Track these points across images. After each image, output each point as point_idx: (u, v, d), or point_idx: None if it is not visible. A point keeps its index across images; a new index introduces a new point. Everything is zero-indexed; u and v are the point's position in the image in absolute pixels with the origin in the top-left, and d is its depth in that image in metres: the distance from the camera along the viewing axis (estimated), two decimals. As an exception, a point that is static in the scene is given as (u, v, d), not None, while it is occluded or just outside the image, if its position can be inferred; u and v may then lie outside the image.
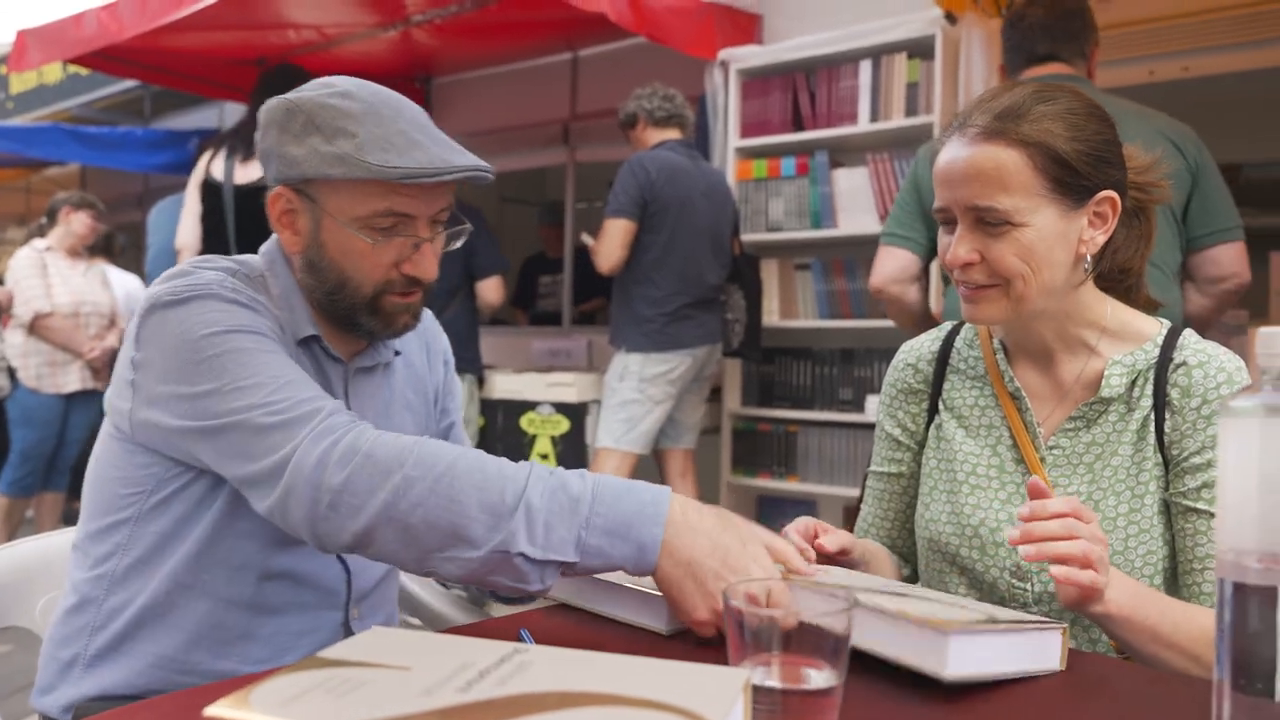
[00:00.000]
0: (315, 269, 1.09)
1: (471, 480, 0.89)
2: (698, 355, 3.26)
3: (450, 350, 1.36)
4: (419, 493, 0.89)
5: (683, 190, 3.15)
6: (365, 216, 1.05)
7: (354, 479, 0.90)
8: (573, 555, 0.88)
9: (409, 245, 1.08)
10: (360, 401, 1.16)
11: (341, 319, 1.11)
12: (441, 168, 1.03)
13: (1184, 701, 0.79)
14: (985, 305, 1.10)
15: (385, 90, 1.09)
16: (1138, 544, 1.08)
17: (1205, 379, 1.08)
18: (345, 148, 1.02)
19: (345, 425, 0.94)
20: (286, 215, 1.10)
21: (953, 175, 1.08)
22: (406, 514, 0.89)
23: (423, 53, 4.63)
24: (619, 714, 0.52)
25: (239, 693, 0.55)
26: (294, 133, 1.05)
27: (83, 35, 3.83)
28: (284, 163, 1.06)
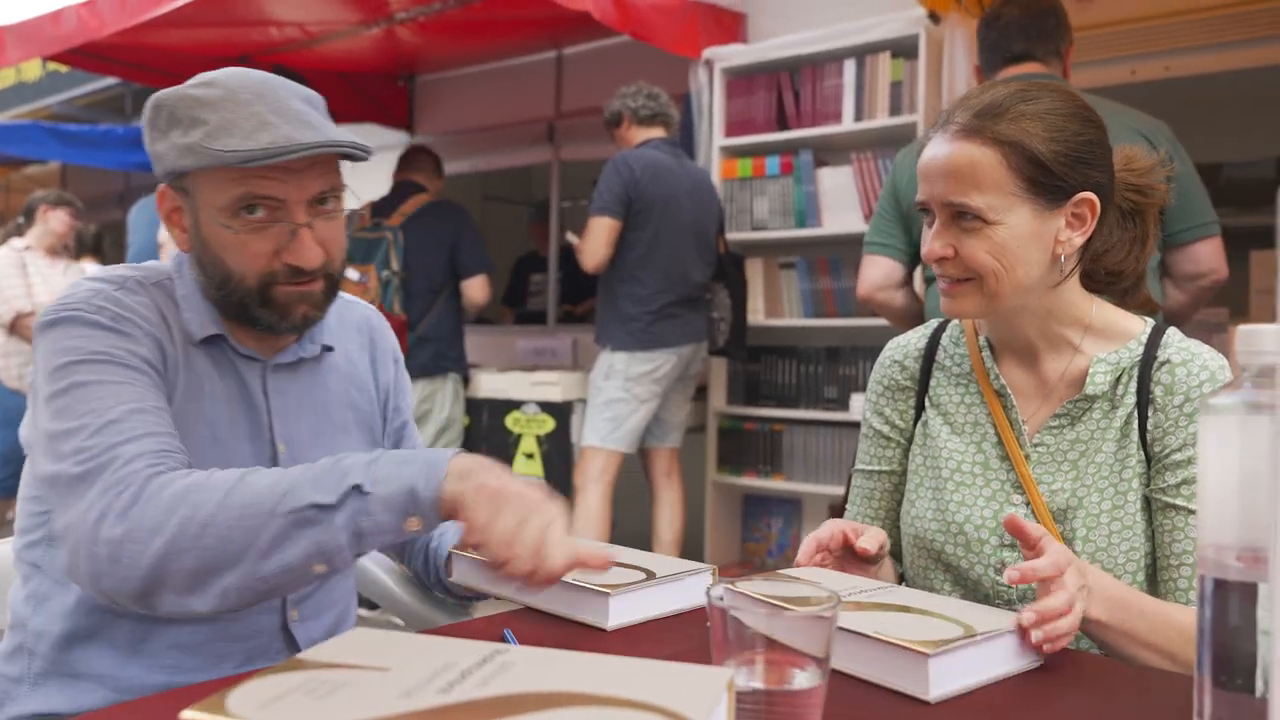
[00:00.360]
0: (202, 265, 1.07)
1: (265, 480, 0.89)
2: (683, 354, 3.26)
3: (399, 349, 1.32)
4: (207, 513, 0.87)
5: (667, 188, 3.14)
6: (228, 205, 1.01)
7: (134, 528, 0.87)
8: (361, 478, 0.87)
9: (284, 233, 1.03)
10: (285, 400, 1.13)
11: (237, 314, 1.07)
12: (287, 145, 0.97)
13: (1166, 696, 0.80)
14: (959, 299, 1.11)
15: (258, 77, 1.04)
16: (1120, 540, 1.09)
17: (1189, 377, 1.09)
18: (195, 137, 0.99)
19: (138, 475, 0.91)
20: (174, 213, 1.08)
21: (931, 171, 1.09)
22: (197, 540, 0.87)
23: (406, 51, 4.61)
24: (602, 714, 0.52)
25: (215, 696, 0.54)
26: (160, 129, 1.03)
27: (62, 32, 3.79)
28: (156, 161, 1.04)
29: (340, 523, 0.87)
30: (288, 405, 1.13)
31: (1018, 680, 0.84)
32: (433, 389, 3.58)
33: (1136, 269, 1.20)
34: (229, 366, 1.10)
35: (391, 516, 0.88)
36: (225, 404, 1.08)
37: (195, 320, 1.07)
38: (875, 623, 0.83)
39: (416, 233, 3.54)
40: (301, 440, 1.13)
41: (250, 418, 1.10)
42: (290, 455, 1.11)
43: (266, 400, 1.11)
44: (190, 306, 1.08)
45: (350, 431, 1.19)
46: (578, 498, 3.26)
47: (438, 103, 5.16)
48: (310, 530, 0.87)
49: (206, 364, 1.08)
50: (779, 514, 3.79)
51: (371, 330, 1.27)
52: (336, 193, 1.07)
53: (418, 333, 3.54)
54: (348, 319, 1.24)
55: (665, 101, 3.30)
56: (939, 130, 1.10)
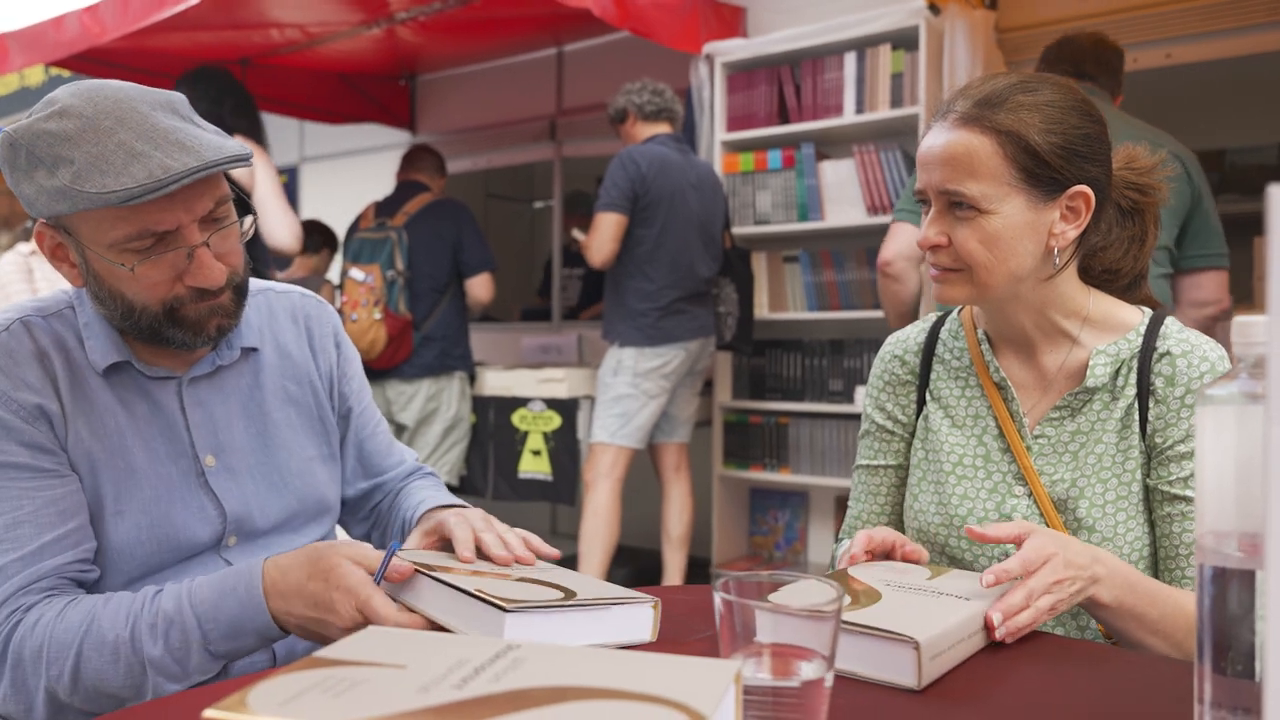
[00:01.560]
0: (99, 299, 1.03)
1: (101, 658, 0.94)
2: (691, 349, 3.26)
3: (341, 327, 1.28)
4: (65, 686, 0.95)
5: (673, 183, 3.15)
6: (119, 241, 0.97)
7: (10, 691, 0.96)
8: (215, 666, 0.96)
9: (182, 257, 0.99)
10: (208, 411, 1.10)
11: (149, 338, 1.04)
12: (163, 178, 0.92)
13: (1167, 682, 0.81)
14: (949, 287, 1.13)
15: (113, 93, 0.97)
16: (1126, 530, 1.10)
17: (1189, 368, 1.09)
18: (64, 179, 0.92)
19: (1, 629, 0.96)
20: (58, 249, 1.03)
21: (929, 158, 1.10)
22: (69, 700, 0.96)
23: (407, 50, 4.62)
24: (612, 707, 0.53)
25: (236, 694, 0.55)
26: (22, 169, 0.96)
27: (64, 38, 3.81)
28: (25, 202, 0.98)
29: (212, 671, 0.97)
30: (213, 416, 1.11)
31: (1016, 668, 0.85)
32: (439, 388, 3.59)
33: (1135, 267, 1.21)
34: (138, 392, 1.07)
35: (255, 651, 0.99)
36: (136, 433, 1.05)
37: (98, 349, 1.04)
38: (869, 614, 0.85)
39: (420, 232, 3.55)
40: (237, 447, 1.11)
41: (168, 438, 1.07)
42: (223, 465, 1.10)
43: (185, 417, 1.09)
44: (92, 334, 1.05)
45: (294, 426, 1.17)
46: (587, 494, 3.27)
47: (439, 102, 5.17)
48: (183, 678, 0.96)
49: (109, 396, 1.05)
50: (786, 507, 3.80)
51: (306, 317, 1.23)
52: (225, 201, 1.03)
53: (423, 332, 3.55)
54: (278, 310, 1.21)
55: (670, 97, 3.31)
56: (938, 120, 1.11)
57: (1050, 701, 0.77)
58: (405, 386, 3.55)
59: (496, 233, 4.97)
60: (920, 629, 0.79)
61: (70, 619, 0.95)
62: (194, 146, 0.95)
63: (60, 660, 0.94)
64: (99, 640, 0.94)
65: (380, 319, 3.44)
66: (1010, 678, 0.82)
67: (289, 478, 1.15)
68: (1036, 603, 0.90)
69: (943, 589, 0.93)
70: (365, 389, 1.30)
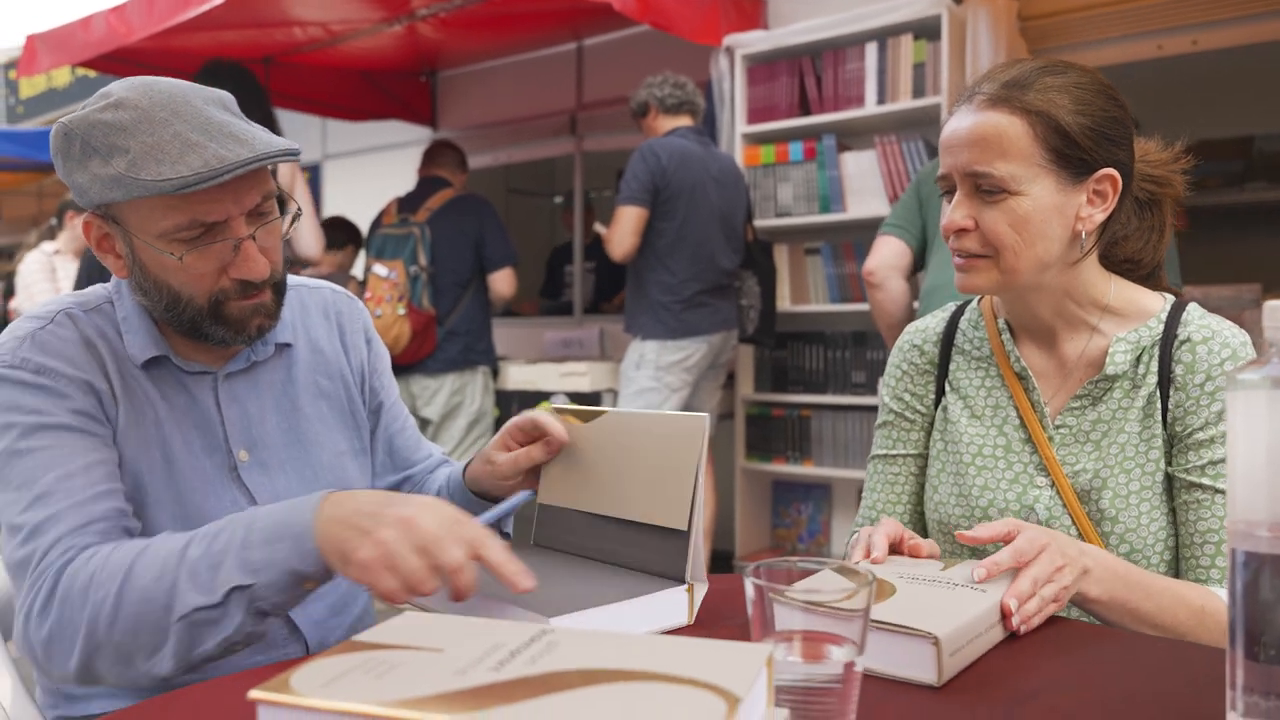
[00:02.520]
0: (144, 290, 1.05)
1: (150, 574, 0.89)
2: (713, 342, 3.26)
3: (372, 323, 1.29)
4: (108, 613, 0.89)
5: (695, 176, 3.15)
6: (168, 231, 0.98)
7: (55, 628, 0.91)
8: (240, 578, 0.87)
9: (228, 249, 1.01)
10: (243, 407, 1.11)
11: (189, 332, 1.06)
12: (218, 167, 0.94)
13: (1198, 670, 0.81)
14: (975, 275, 1.11)
15: (167, 87, 0.99)
16: (1150, 520, 1.09)
17: (1209, 354, 1.08)
18: (119, 167, 0.94)
19: (52, 568, 0.92)
20: (104, 240, 1.05)
21: (955, 141, 1.09)
22: (108, 636, 0.89)
23: (428, 47, 4.64)
24: (646, 689, 0.54)
25: (279, 677, 0.57)
26: (75, 159, 0.98)
27: (91, 39, 3.85)
28: (76, 191, 1.00)
29: (236, 615, 0.88)
30: (246, 412, 1.12)
31: (1038, 658, 0.85)
32: (463, 382, 3.61)
33: (1154, 258, 1.21)
34: (176, 385, 1.08)
35: (286, 595, 0.89)
36: (174, 424, 1.07)
37: (136, 343, 1.06)
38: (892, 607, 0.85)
39: (443, 227, 3.57)
40: (270, 442, 1.13)
41: (203, 432, 1.09)
42: (256, 460, 1.11)
43: (220, 412, 1.10)
44: (131, 329, 1.06)
45: (325, 421, 1.18)
46: None
47: (460, 97, 5.19)
48: (212, 629, 0.88)
49: (150, 387, 1.06)
50: (809, 499, 3.80)
51: (338, 313, 1.25)
52: (270, 197, 1.04)
53: (446, 327, 3.58)
54: (310, 305, 1.23)
55: (692, 90, 3.31)
56: (963, 104, 1.11)
57: (1075, 692, 0.77)
58: (429, 381, 3.58)
59: (517, 227, 4.99)
60: (939, 624, 0.79)
61: (129, 546, 0.93)
62: (246, 139, 0.97)
63: (109, 582, 0.89)
64: (153, 556, 0.90)
65: (404, 314, 3.47)
66: (1033, 669, 0.83)
67: (320, 472, 1.16)
68: (1041, 591, 0.90)
69: (957, 580, 0.92)
70: (394, 385, 1.31)
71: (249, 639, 0.90)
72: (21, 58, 4.15)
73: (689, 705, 0.51)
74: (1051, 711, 0.72)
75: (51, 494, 0.96)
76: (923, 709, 0.74)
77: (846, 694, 0.65)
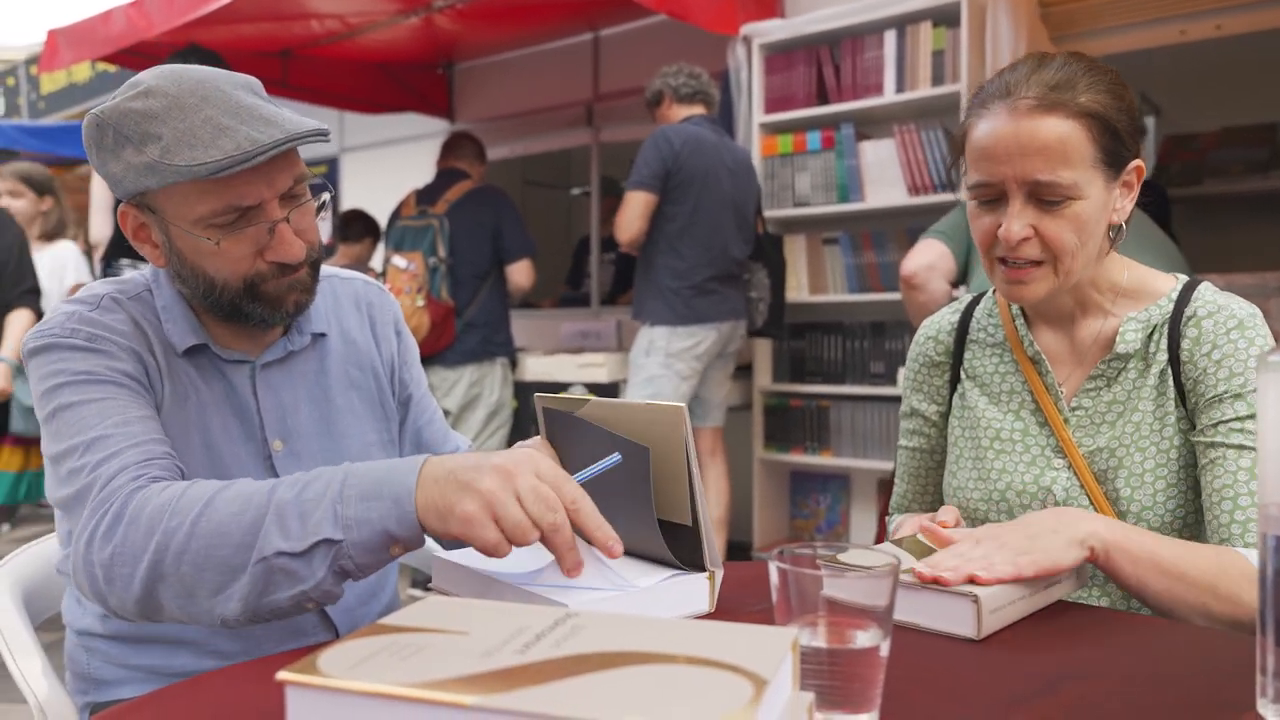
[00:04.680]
0: (181, 277, 1.06)
1: (230, 509, 0.86)
2: (722, 330, 3.25)
3: (402, 315, 1.30)
4: (180, 541, 0.86)
5: (708, 162, 3.14)
6: (204, 216, 1.00)
7: (119, 549, 0.88)
8: (332, 531, 0.84)
9: (263, 233, 1.03)
10: (278, 396, 1.12)
11: (229, 315, 1.07)
12: (251, 150, 0.95)
13: (1227, 655, 0.80)
14: (1032, 284, 1.09)
15: (196, 74, 1.00)
16: (1166, 498, 1.09)
17: (1215, 327, 1.08)
18: (153, 154, 0.96)
19: (120, 493, 0.91)
20: (140, 230, 1.06)
21: (1008, 149, 1.05)
22: (175, 566, 0.86)
23: (445, 39, 4.65)
24: (672, 671, 0.54)
25: (306, 659, 0.57)
26: (109, 149, 0.99)
27: (112, 33, 3.88)
28: (111, 181, 1.01)
29: (320, 569, 0.85)
30: (282, 401, 1.13)
31: (1074, 634, 0.84)
32: (481, 373, 3.63)
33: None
34: (215, 373, 1.10)
35: (371, 556, 0.86)
36: (214, 410, 1.08)
37: (176, 332, 1.07)
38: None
39: (461, 219, 3.58)
40: (303, 432, 1.13)
41: (241, 420, 1.10)
42: (289, 450, 1.12)
43: (256, 401, 1.11)
44: (170, 318, 1.08)
45: (356, 412, 1.19)
46: None
47: (477, 89, 5.20)
48: (289, 579, 0.85)
49: (192, 372, 1.08)
50: (827, 490, 3.79)
51: (369, 305, 1.26)
52: (303, 180, 1.05)
53: (465, 318, 3.59)
54: (343, 296, 1.24)
55: (706, 80, 3.30)
56: (1000, 107, 1.06)
57: (1102, 679, 0.77)
58: (448, 373, 3.59)
59: (534, 219, 4.99)
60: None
61: (206, 483, 0.91)
62: (277, 121, 0.98)
63: (185, 510, 0.87)
64: (236, 492, 0.88)
65: (423, 306, 3.48)
66: (1061, 655, 0.82)
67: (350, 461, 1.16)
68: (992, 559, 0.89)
69: None
70: (423, 377, 1.32)
71: (324, 598, 0.87)
72: (43, 53, 4.18)
73: (716, 687, 0.51)
74: (1078, 698, 0.72)
75: (110, 437, 0.96)
76: (945, 695, 0.74)
77: (872, 677, 0.65)
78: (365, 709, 0.53)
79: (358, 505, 0.85)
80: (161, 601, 0.88)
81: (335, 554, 0.85)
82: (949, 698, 0.73)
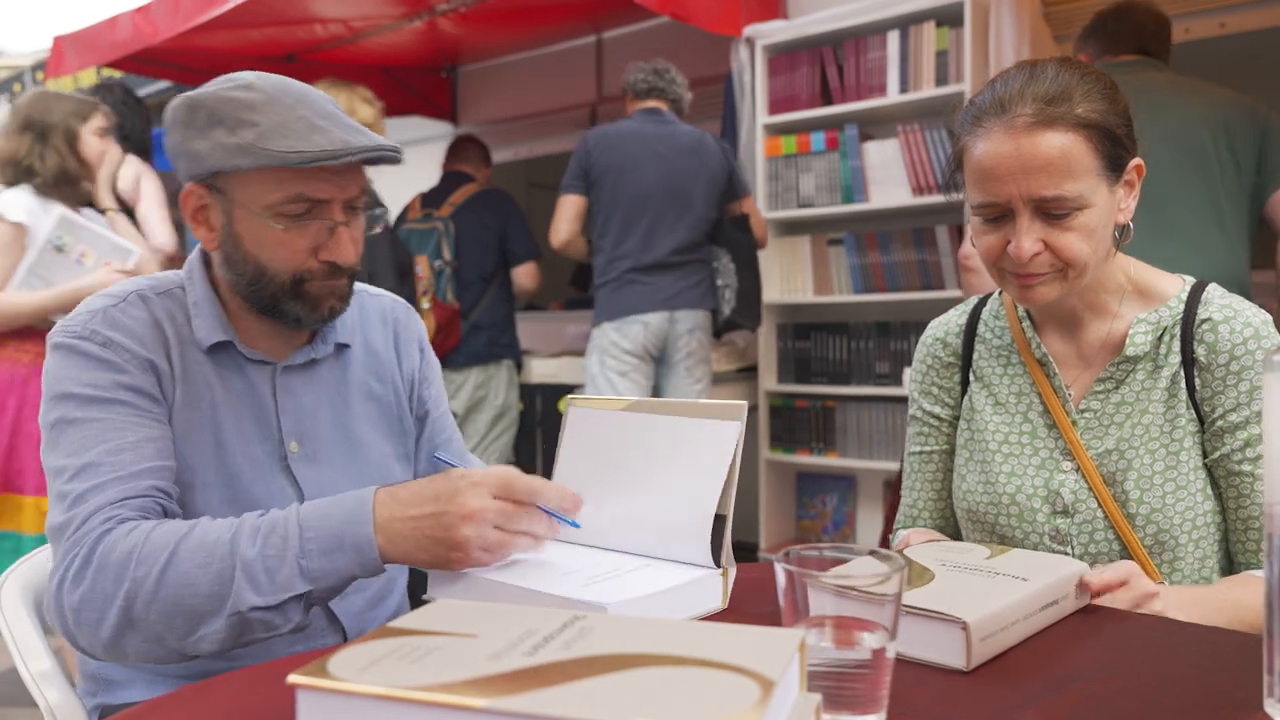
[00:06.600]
0: (232, 262, 1.10)
1: (194, 560, 0.92)
2: (651, 322, 3.12)
3: (426, 336, 1.34)
4: (147, 591, 0.91)
5: (623, 154, 3.12)
6: (276, 203, 1.05)
7: (88, 594, 0.92)
8: (302, 586, 0.92)
9: (324, 230, 1.08)
10: (297, 400, 1.15)
11: (267, 308, 1.11)
12: (341, 149, 1.03)
13: (1234, 656, 0.80)
14: (1043, 289, 1.09)
15: (290, 81, 1.09)
16: (1175, 500, 1.09)
17: (1231, 334, 1.08)
18: (248, 137, 1.02)
19: (90, 535, 0.94)
20: (199, 212, 1.10)
21: (1011, 168, 1.04)
22: (144, 614, 0.91)
23: (448, 42, 4.66)
24: (680, 673, 0.54)
25: (316, 662, 0.57)
26: (198, 128, 1.05)
27: (118, 39, 3.90)
28: (190, 159, 1.06)
29: (294, 616, 0.93)
30: (300, 405, 1.15)
31: (1075, 646, 0.84)
32: (487, 376, 3.63)
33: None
34: (235, 372, 1.12)
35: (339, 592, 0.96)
36: (230, 409, 1.10)
37: (204, 327, 1.10)
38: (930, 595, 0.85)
39: (466, 222, 3.59)
40: (319, 436, 1.16)
41: (258, 420, 1.12)
42: (304, 452, 1.14)
43: (275, 402, 1.13)
44: (200, 313, 1.11)
45: (373, 423, 1.21)
46: None
47: (481, 92, 5.21)
48: (265, 626, 0.93)
49: (211, 371, 1.10)
50: (834, 491, 3.79)
51: (396, 321, 1.29)
52: (364, 195, 1.12)
53: (471, 321, 3.59)
54: (370, 311, 1.27)
55: (669, 77, 3.27)
56: (996, 125, 1.05)
57: (1107, 678, 0.77)
58: (454, 375, 3.60)
59: (538, 221, 5.00)
60: (970, 609, 0.78)
61: (170, 527, 0.95)
62: (364, 132, 1.07)
63: (151, 560, 0.92)
64: (199, 542, 0.93)
65: (429, 308, 3.49)
66: (1067, 654, 0.82)
67: (365, 470, 1.18)
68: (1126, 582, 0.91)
69: (1000, 569, 0.91)
70: (443, 398, 1.35)
71: (296, 629, 0.95)
72: (49, 59, 4.20)
73: (723, 689, 0.52)
74: (1086, 698, 0.72)
75: (99, 465, 0.99)
76: (953, 693, 0.74)
77: (878, 679, 0.65)
78: (376, 712, 0.53)
79: (320, 559, 0.92)
80: (128, 646, 0.93)
81: (306, 600, 0.93)
82: (956, 697, 0.73)
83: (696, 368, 3.22)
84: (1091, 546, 1.11)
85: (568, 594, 0.85)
